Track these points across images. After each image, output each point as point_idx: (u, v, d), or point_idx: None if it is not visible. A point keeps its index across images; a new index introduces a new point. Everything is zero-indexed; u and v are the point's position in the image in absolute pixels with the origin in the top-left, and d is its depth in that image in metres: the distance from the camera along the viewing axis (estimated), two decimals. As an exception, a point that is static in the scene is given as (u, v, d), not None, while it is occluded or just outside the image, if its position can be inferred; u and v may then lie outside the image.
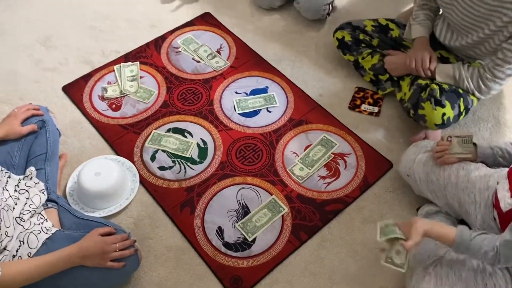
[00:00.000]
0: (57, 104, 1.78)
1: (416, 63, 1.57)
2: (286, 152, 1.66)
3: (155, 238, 1.45)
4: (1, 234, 1.14)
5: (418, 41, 1.62)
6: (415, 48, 1.62)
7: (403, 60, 1.63)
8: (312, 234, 1.46)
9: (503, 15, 1.36)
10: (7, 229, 1.17)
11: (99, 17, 2.12)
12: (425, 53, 1.56)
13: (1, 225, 1.15)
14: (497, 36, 1.42)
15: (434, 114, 1.49)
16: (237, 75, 1.89)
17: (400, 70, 1.67)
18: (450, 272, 1.18)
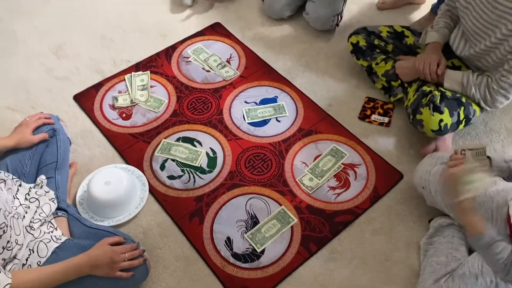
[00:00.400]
0: (68, 113, 1.79)
1: (424, 66, 1.57)
2: (295, 162, 1.65)
3: (164, 248, 1.45)
4: (11, 242, 1.15)
5: (430, 46, 1.63)
6: (426, 52, 1.62)
7: (413, 63, 1.63)
8: (322, 246, 1.45)
9: (508, 22, 1.37)
10: (17, 237, 1.18)
11: (111, 26, 2.14)
12: (434, 56, 1.57)
13: (11, 233, 1.15)
14: (503, 46, 1.42)
15: (432, 120, 1.49)
16: (246, 85, 1.90)
17: (410, 74, 1.67)
18: (462, 285, 1.17)
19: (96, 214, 1.49)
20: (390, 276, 1.38)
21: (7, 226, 1.13)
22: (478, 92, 1.50)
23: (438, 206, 1.43)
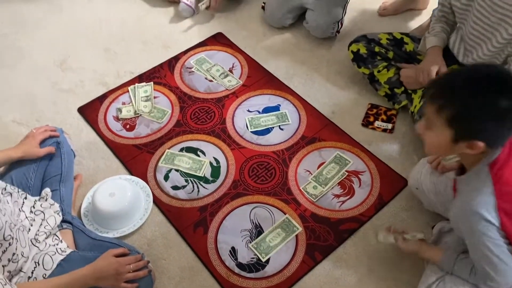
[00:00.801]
0: (73, 125, 1.81)
1: (423, 78, 1.57)
2: (299, 170, 1.65)
3: (168, 259, 1.44)
4: (17, 255, 1.15)
5: (430, 51, 1.62)
6: (426, 58, 1.62)
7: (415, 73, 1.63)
8: (327, 254, 1.44)
9: (509, 26, 1.36)
10: (23, 249, 1.18)
11: (114, 39, 2.17)
12: (433, 66, 1.55)
13: (17, 245, 1.16)
14: (503, 52, 1.42)
15: None
16: (249, 94, 1.90)
17: (415, 83, 1.66)
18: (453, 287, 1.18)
19: (101, 226, 1.49)
20: (397, 284, 1.37)
21: (13, 239, 1.13)
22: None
23: (435, 208, 1.43)
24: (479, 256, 1.11)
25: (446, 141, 1.06)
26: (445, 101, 1.04)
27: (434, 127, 1.07)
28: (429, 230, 1.46)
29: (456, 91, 1.02)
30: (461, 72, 1.08)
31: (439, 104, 1.04)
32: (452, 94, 1.03)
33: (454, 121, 1.03)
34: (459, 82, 1.03)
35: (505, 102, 0.97)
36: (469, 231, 1.11)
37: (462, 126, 1.03)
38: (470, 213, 1.07)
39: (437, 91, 1.06)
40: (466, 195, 1.10)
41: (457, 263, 1.19)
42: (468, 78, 1.03)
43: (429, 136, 1.11)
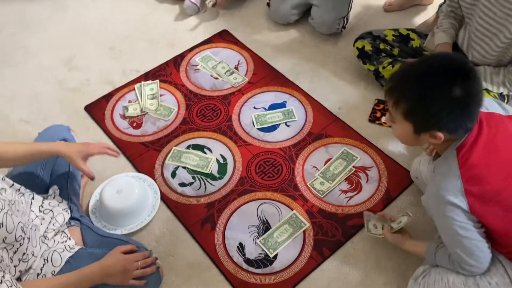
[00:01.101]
0: (80, 124, 1.81)
1: None
2: (306, 166, 1.64)
3: (176, 255, 1.45)
4: (27, 254, 1.16)
5: (440, 47, 1.61)
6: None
7: None
8: (335, 250, 1.43)
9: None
10: (34, 248, 1.18)
11: (119, 38, 2.17)
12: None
13: (28, 245, 1.16)
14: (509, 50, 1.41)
15: None
16: (255, 91, 1.90)
17: None
18: (438, 278, 1.18)
19: (109, 223, 1.50)
20: (405, 279, 1.36)
21: (24, 239, 1.13)
22: (496, 78, 1.49)
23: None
24: (450, 241, 1.12)
25: (409, 133, 1.08)
26: (400, 95, 1.05)
27: (395, 120, 1.10)
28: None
29: (409, 85, 1.04)
30: (415, 64, 1.08)
31: (394, 98, 1.06)
32: (406, 88, 1.04)
33: (409, 115, 1.05)
34: (412, 75, 1.05)
35: (457, 91, 0.98)
36: (437, 215, 1.11)
37: (418, 119, 1.05)
38: (437, 198, 1.08)
39: (392, 85, 1.08)
40: (435, 180, 1.11)
41: (437, 252, 1.20)
42: (421, 70, 1.04)
43: (395, 129, 1.14)
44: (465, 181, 1.05)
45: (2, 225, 1.05)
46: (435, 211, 1.12)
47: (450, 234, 1.10)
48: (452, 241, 1.11)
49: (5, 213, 1.06)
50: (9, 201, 1.11)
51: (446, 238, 1.13)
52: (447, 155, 1.09)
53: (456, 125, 1.03)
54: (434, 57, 1.13)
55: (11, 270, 1.10)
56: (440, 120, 1.02)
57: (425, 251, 1.24)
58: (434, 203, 1.11)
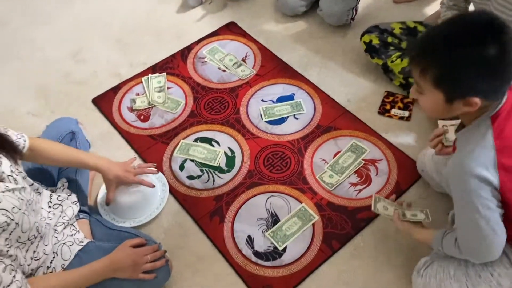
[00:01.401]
0: (87, 116, 1.81)
1: None
2: (314, 159, 1.63)
3: (185, 248, 1.44)
4: (38, 252, 1.15)
5: None
6: None
7: None
8: (345, 243, 1.42)
9: None
10: (45, 247, 1.18)
11: (126, 30, 2.16)
12: None
13: (39, 243, 1.15)
14: None
15: None
16: (263, 83, 1.89)
17: None
18: (440, 269, 1.16)
19: (118, 216, 1.49)
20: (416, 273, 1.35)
21: (36, 238, 1.13)
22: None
23: (442, 188, 1.41)
24: (465, 220, 1.02)
25: (440, 103, 0.99)
26: (427, 62, 0.97)
27: (424, 91, 1.01)
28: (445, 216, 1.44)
29: (436, 50, 0.95)
30: (439, 27, 0.99)
31: (421, 66, 0.98)
32: (433, 54, 0.96)
33: (441, 82, 0.96)
34: (438, 39, 0.95)
35: (491, 51, 0.89)
36: (459, 189, 1.02)
37: (450, 86, 0.96)
38: (464, 169, 0.98)
39: (417, 52, 0.99)
40: (463, 150, 1.02)
41: (444, 238, 1.14)
42: (448, 31, 0.95)
43: (423, 101, 1.04)
44: (499, 151, 0.96)
45: (18, 225, 1.04)
46: (457, 184, 1.02)
47: (467, 212, 1.01)
48: (468, 220, 1.02)
49: (22, 212, 1.06)
50: (27, 200, 1.11)
51: (461, 216, 1.04)
52: (480, 124, 1.00)
53: (493, 88, 0.95)
54: (460, 16, 1.00)
55: (24, 268, 1.10)
56: (475, 84, 0.93)
57: (433, 238, 1.18)
58: (459, 176, 1.00)
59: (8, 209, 1.01)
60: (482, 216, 0.99)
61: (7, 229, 1.01)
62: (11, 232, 1.03)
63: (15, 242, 1.05)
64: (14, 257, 1.04)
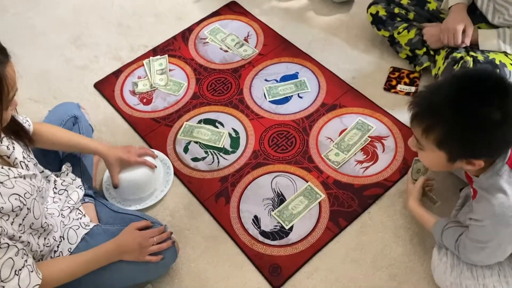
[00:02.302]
0: (90, 101, 1.80)
1: (448, 39, 1.49)
2: (320, 138, 1.61)
3: (191, 229, 1.44)
4: (48, 239, 1.15)
5: (454, 9, 1.53)
6: (450, 17, 1.53)
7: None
8: (352, 220, 1.41)
9: None
10: (55, 233, 1.18)
11: (126, 13, 2.13)
12: (459, 25, 1.47)
13: (51, 231, 1.16)
14: None
15: None
16: (266, 62, 1.86)
17: (440, 41, 1.58)
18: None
19: (123, 199, 1.49)
20: (425, 249, 1.34)
21: (49, 225, 1.14)
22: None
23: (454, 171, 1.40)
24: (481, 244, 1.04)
25: (442, 161, 0.99)
26: (430, 122, 0.95)
27: (425, 148, 1.00)
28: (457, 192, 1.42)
29: (441, 110, 0.93)
30: (445, 86, 0.96)
31: (423, 126, 0.97)
32: (436, 114, 0.94)
33: (443, 144, 0.95)
34: (441, 98, 0.93)
35: (497, 115, 0.88)
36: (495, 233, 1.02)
37: (453, 148, 0.95)
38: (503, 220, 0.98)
39: (419, 111, 0.97)
40: (494, 198, 0.99)
41: (444, 232, 1.15)
42: (453, 92, 0.92)
43: (423, 156, 1.04)
44: None
45: (30, 211, 1.04)
46: (492, 229, 1.01)
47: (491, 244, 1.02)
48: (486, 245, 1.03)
49: (33, 199, 1.06)
50: (37, 187, 1.11)
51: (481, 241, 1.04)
52: (498, 172, 0.99)
53: (496, 151, 0.95)
54: (464, 76, 0.98)
55: (36, 255, 1.11)
56: (479, 149, 0.93)
57: (433, 227, 1.20)
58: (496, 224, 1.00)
59: (20, 194, 1.01)
60: (502, 250, 1.04)
61: (20, 214, 1.01)
62: (24, 218, 1.03)
63: (28, 228, 1.05)
64: (26, 243, 1.04)
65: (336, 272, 1.32)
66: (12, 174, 1.03)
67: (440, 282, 1.18)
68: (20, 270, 0.97)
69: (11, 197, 0.99)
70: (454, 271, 1.13)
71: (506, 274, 1.08)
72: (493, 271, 1.09)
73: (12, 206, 0.98)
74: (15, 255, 0.96)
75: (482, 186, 1.03)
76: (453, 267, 1.13)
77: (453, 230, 1.14)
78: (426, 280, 1.28)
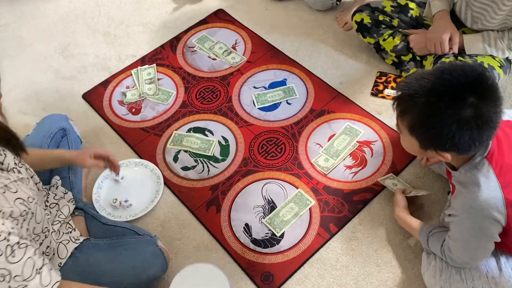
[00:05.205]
0: (78, 112, 1.79)
1: (436, 48, 1.52)
2: (309, 144, 1.62)
3: (183, 239, 1.44)
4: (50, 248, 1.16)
5: (437, 16, 1.55)
6: (435, 25, 1.55)
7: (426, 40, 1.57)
8: (342, 226, 1.42)
9: None
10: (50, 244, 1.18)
11: (113, 23, 2.13)
12: (444, 35, 1.49)
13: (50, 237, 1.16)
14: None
15: None
16: (254, 70, 1.86)
17: (426, 48, 1.60)
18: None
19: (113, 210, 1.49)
20: (415, 253, 1.35)
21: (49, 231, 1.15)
22: (501, 43, 1.45)
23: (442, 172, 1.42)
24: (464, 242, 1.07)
25: (415, 147, 1.01)
26: (406, 107, 0.98)
27: (401, 131, 1.03)
28: (445, 195, 1.44)
29: (416, 99, 0.94)
30: (429, 75, 0.96)
31: (401, 109, 0.99)
32: (413, 101, 0.95)
33: (414, 130, 0.98)
34: (421, 88, 0.94)
35: (468, 112, 0.89)
36: (469, 226, 1.04)
37: (422, 136, 0.97)
38: (478, 214, 1.00)
39: (401, 95, 1.00)
40: (470, 192, 1.02)
41: (430, 237, 1.18)
42: (431, 84, 0.93)
43: (401, 139, 1.07)
44: (504, 190, 0.99)
45: (34, 215, 1.05)
46: (471, 223, 1.03)
47: (470, 239, 1.05)
48: (467, 243, 1.06)
49: (35, 203, 1.07)
50: (36, 191, 1.12)
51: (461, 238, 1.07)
52: (477, 165, 1.00)
53: (466, 147, 0.95)
54: (447, 69, 0.97)
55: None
56: (447, 142, 0.94)
57: (419, 235, 1.23)
58: (472, 217, 1.02)
59: (24, 199, 1.02)
60: (482, 245, 1.05)
61: (26, 219, 1.02)
62: (29, 222, 1.03)
63: (32, 233, 1.06)
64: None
65: (327, 278, 1.33)
66: (12, 177, 1.03)
67: (430, 286, 1.19)
68: (41, 269, 0.97)
69: (16, 202, 0.99)
70: (443, 274, 1.14)
71: (493, 275, 1.10)
72: (481, 273, 1.10)
73: (20, 210, 0.99)
74: (34, 254, 0.97)
75: (460, 180, 1.05)
76: (442, 270, 1.14)
77: (438, 235, 1.16)
78: (417, 284, 1.29)
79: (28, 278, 0.94)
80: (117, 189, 1.54)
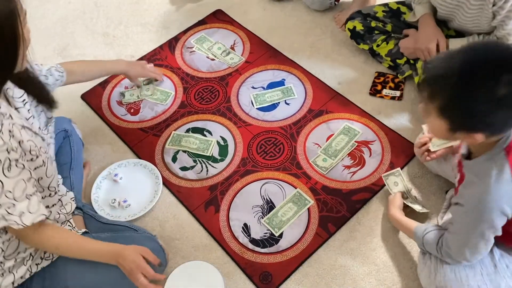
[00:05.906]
0: (77, 112, 1.79)
1: (425, 57, 1.53)
2: (307, 144, 1.62)
3: (181, 239, 1.44)
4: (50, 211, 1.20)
5: (422, 21, 1.56)
6: (420, 32, 1.56)
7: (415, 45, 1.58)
8: (341, 226, 1.42)
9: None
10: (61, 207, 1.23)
11: (112, 23, 2.13)
12: (431, 44, 1.50)
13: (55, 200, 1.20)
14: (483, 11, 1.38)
15: None
16: (252, 70, 1.87)
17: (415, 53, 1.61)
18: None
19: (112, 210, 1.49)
20: (413, 252, 1.35)
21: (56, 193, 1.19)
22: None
23: (441, 174, 1.42)
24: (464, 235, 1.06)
25: (443, 130, 0.98)
26: (436, 88, 0.94)
27: (429, 114, 0.99)
28: (444, 195, 1.44)
29: (447, 78, 0.92)
30: (457, 54, 0.94)
31: (430, 90, 0.96)
32: (443, 81, 0.93)
33: (445, 112, 0.94)
34: (451, 67, 0.92)
35: (503, 90, 0.86)
36: (474, 217, 1.03)
37: (454, 118, 0.94)
38: (487, 206, 0.99)
39: (429, 75, 0.97)
40: (481, 184, 1.00)
41: (425, 236, 1.17)
42: (462, 63, 0.91)
43: (428, 122, 1.03)
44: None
45: (44, 165, 1.07)
46: (476, 214, 1.02)
47: (471, 231, 1.04)
48: (468, 235, 1.05)
49: (47, 157, 1.09)
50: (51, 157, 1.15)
51: (463, 230, 1.06)
52: (493, 157, 0.98)
53: (499, 127, 0.93)
54: (478, 47, 0.95)
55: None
56: (481, 122, 0.90)
57: (414, 234, 1.22)
58: (479, 210, 1.01)
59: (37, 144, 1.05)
60: (484, 237, 1.04)
61: (35, 161, 1.03)
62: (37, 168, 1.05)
63: (36, 181, 1.06)
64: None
65: (325, 278, 1.33)
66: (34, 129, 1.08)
67: (426, 287, 1.20)
68: (31, 196, 0.98)
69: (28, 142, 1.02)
70: (438, 274, 1.14)
71: (488, 272, 1.10)
72: (475, 271, 1.10)
73: (29, 146, 1.01)
74: (28, 181, 0.97)
75: (474, 170, 1.03)
76: (436, 270, 1.14)
77: (433, 233, 1.16)
78: (415, 283, 1.30)
79: (17, 198, 0.95)
80: (116, 189, 1.54)
